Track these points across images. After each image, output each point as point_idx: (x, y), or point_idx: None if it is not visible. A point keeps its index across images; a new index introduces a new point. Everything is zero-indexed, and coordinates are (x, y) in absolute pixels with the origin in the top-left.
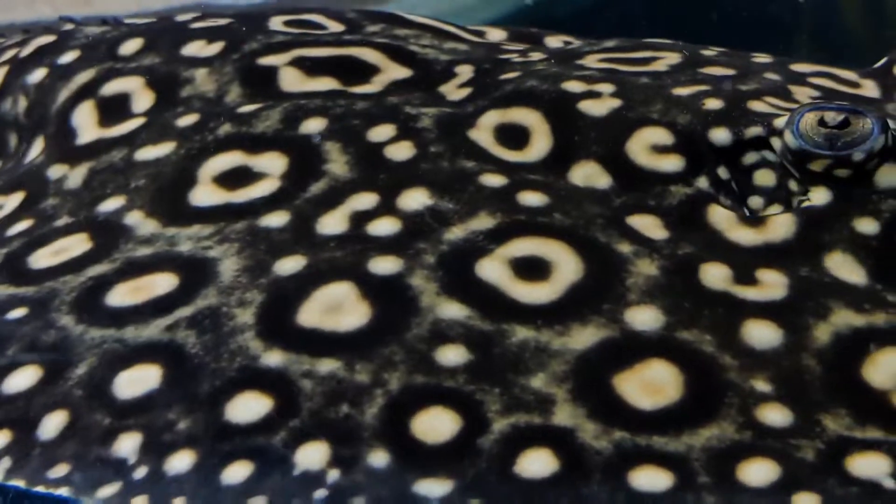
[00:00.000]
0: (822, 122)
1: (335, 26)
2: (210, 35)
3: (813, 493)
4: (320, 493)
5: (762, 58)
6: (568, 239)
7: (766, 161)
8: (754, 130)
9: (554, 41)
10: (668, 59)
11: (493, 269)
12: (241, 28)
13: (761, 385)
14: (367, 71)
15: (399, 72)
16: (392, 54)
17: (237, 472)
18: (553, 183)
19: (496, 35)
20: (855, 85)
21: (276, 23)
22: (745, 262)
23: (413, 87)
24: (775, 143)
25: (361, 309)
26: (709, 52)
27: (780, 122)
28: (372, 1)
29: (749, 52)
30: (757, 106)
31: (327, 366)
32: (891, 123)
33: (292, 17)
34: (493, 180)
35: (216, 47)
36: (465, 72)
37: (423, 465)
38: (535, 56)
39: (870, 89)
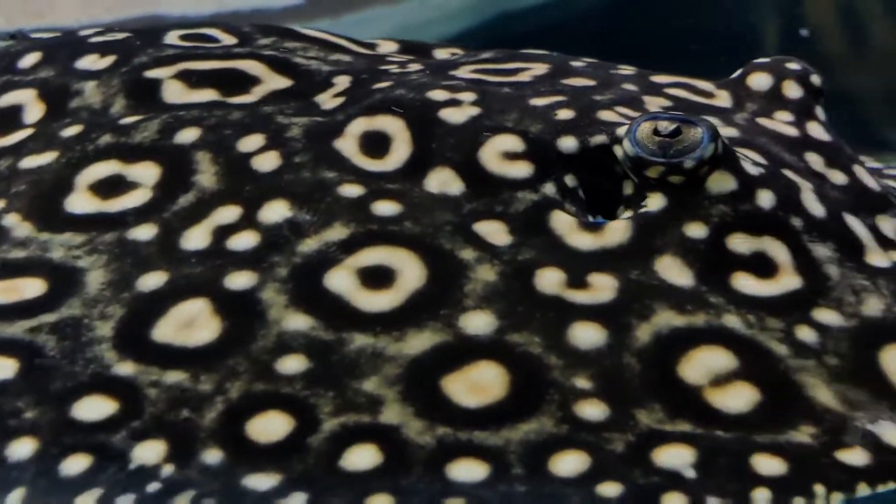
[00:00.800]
0: (655, 131)
1: (229, 39)
2: (104, 49)
3: (616, 482)
4: (153, 487)
5: (626, 70)
6: (415, 247)
7: (610, 168)
8: (599, 139)
9: (442, 53)
10: (535, 71)
11: (340, 280)
12: (135, 42)
13: (582, 382)
14: (248, 82)
15: (279, 82)
16: (275, 66)
17: (76, 463)
18: (408, 191)
19: (387, 47)
20: (710, 95)
21: (172, 37)
22: (580, 267)
23: (291, 97)
24: (618, 151)
25: (213, 324)
26: (577, 64)
27: (621, 131)
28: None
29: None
30: (606, 116)
31: (174, 377)
32: (722, 132)
33: (189, 31)
34: (351, 190)
35: (107, 61)
36: (342, 82)
37: (254, 462)
38: (413, 67)
39: (723, 99)
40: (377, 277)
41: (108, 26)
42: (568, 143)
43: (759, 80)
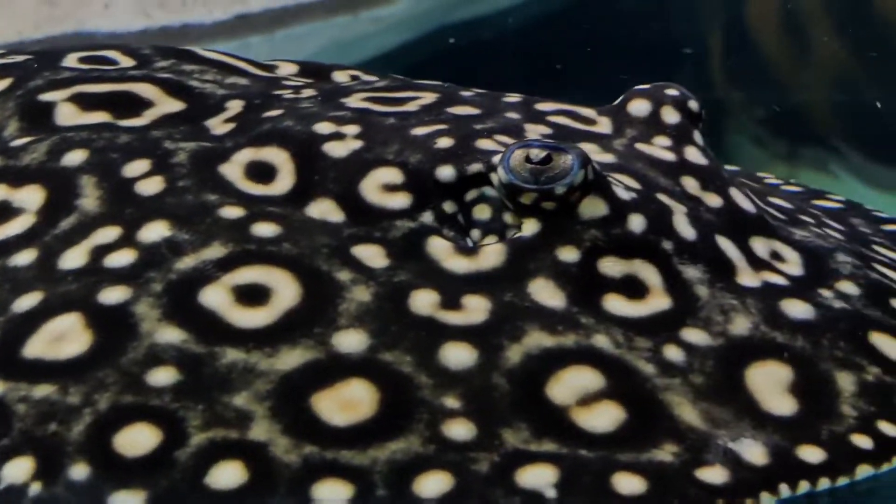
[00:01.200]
0: (527, 159)
1: (126, 62)
2: (1, 72)
3: (476, 501)
4: None
5: (513, 98)
6: (292, 267)
7: (487, 195)
8: (476, 167)
9: (340, 76)
10: (423, 100)
11: (215, 296)
12: (32, 65)
13: (451, 402)
14: (140, 105)
15: (172, 105)
16: (169, 89)
17: None
18: (289, 215)
19: (286, 70)
20: (591, 122)
21: (71, 59)
22: (455, 289)
23: (182, 120)
24: (494, 178)
25: (84, 337)
26: (466, 93)
27: (496, 159)
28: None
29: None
30: (485, 144)
31: (43, 391)
32: (599, 158)
33: (89, 53)
34: (232, 212)
35: (4, 84)
36: (234, 107)
37: (121, 477)
38: (307, 93)
39: (604, 126)
40: (253, 295)
41: (39, 43)
42: (445, 172)
43: (639, 107)
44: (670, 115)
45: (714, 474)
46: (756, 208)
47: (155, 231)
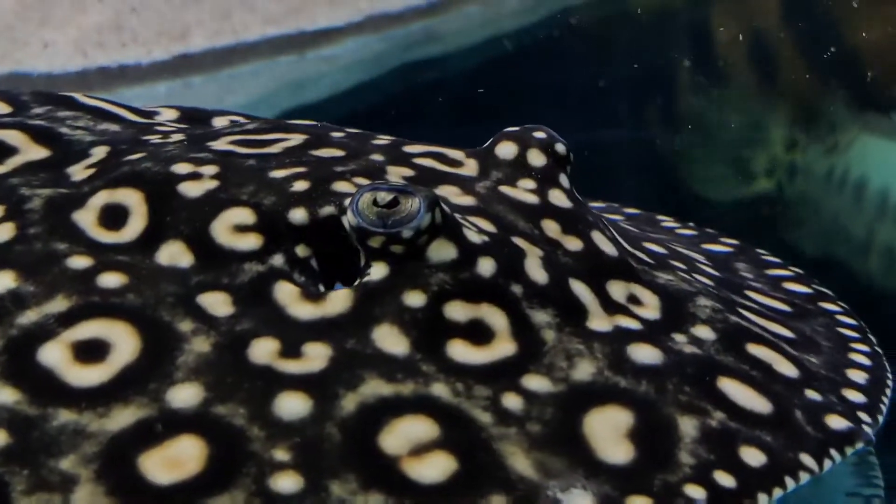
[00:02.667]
0: (375, 202)
1: (3, 108)
2: None
3: None
4: None
5: (383, 139)
6: (134, 319)
7: (340, 238)
8: (328, 210)
9: (220, 121)
10: (290, 142)
11: (53, 353)
12: None
13: (281, 454)
14: (5, 153)
15: (37, 153)
16: (37, 136)
17: None
18: (138, 263)
19: (166, 116)
20: (458, 164)
21: None
22: (298, 336)
23: (44, 168)
24: (344, 221)
25: None
26: (336, 134)
27: (347, 202)
28: None
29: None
30: (341, 187)
31: None
32: (458, 201)
33: None
34: (79, 262)
35: None
36: (99, 153)
37: None
38: (175, 137)
39: (470, 168)
40: (92, 351)
41: None
42: (298, 215)
43: (506, 149)
44: (536, 158)
45: None
46: (619, 252)
47: (1, 282)
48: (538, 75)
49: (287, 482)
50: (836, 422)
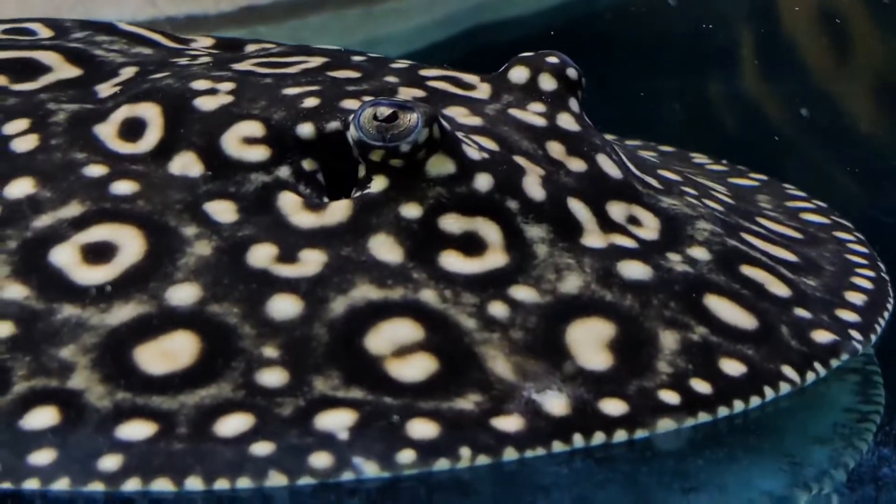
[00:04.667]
0: (375, 116)
1: (45, 33)
2: None
3: (270, 442)
4: None
5: (400, 63)
6: (141, 224)
7: (344, 152)
8: (334, 125)
9: (252, 48)
10: (309, 64)
11: (64, 254)
12: None
13: (269, 351)
14: (39, 71)
15: (69, 72)
16: (70, 57)
17: None
18: (150, 172)
19: (202, 43)
20: (471, 87)
21: None
22: (295, 243)
23: (73, 86)
24: (349, 135)
25: None
26: (357, 58)
27: (351, 117)
28: None
29: None
30: (350, 104)
31: None
32: (466, 122)
33: (12, 25)
34: (95, 171)
35: None
36: (127, 73)
37: None
38: (202, 60)
39: (482, 92)
40: (99, 253)
41: None
42: (305, 129)
43: (518, 74)
44: (547, 83)
45: (509, 423)
46: (623, 175)
47: (19, 188)
48: (612, 37)
49: (272, 377)
50: (821, 336)
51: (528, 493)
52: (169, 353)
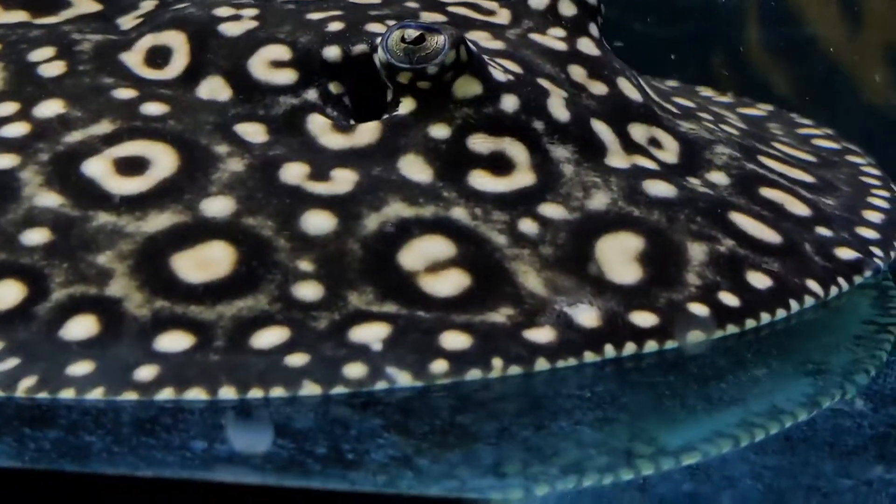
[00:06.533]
0: (402, 39)
1: None
2: None
3: (304, 353)
4: None
5: None
6: (172, 141)
7: (370, 75)
8: (360, 48)
9: None
10: None
11: (96, 166)
12: None
13: (304, 265)
14: (59, 6)
15: (90, 6)
16: None
17: None
18: (179, 96)
19: None
20: (491, 13)
21: None
22: (327, 163)
23: (95, 19)
24: (375, 58)
25: None
26: None
27: (378, 40)
28: None
29: None
30: (374, 27)
31: None
32: (487, 45)
33: None
34: (124, 94)
35: None
36: (147, 6)
37: None
38: None
39: (502, 17)
40: (132, 166)
41: None
42: (332, 52)
43: (538, 0)
44: (567, 8)
45: (540, 334)
46: (643, 98)
47: (49, 108)
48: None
49: (308, 290)
50: (844, 252)
51: (556, 401)
52: (206, 262)
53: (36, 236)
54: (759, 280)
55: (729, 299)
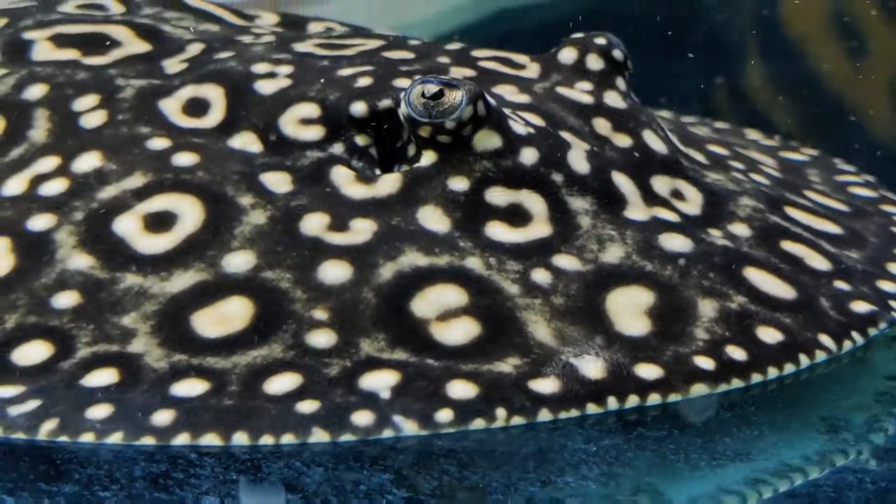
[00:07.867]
0: (423, 94)
1: (117, 8)
2: (4, 13)
3: (315, 400)
4: None
5: (455, 45)
6: (200, 193)
7: (396, 129)
8: (386, 103)
9: (316, 27)
10: (366, 46)
11: (127, 224)
12: (32, 8)
13: (319, 314)
14: (109, 46)
15: (138, 47)
16: (140, 32)
17: None
18: (211, 145)
19: (267, 20)
20: (521, 67)
21: (69, 5)
22: (347, 213)
23: (142, 60)
24: (400, 112)
25: (7, 262)
26: (413, 42)
27: (402, 94)
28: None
29: None
30: (402, 83)
31: None
32: (515, 99)
33: (87, 1)
34: (159, 143)
35: (1, 22)
36: (194, 49)
37: (7, 379)
38: (266, 39)
39: (532, 71)
40: (160, 222)
41: None
42: (358, 108)
43: (567, 54)
44: (595, 63)
45: (545, 385)
46: (669, 150)
47: (87, 162)
48: (638, 21)
49: (321, 338)
50: (859, 306)
51: (562, 454)
52: (224, 317)
53: (65, 300)
54: (768, 335)
55: (736, 353)
